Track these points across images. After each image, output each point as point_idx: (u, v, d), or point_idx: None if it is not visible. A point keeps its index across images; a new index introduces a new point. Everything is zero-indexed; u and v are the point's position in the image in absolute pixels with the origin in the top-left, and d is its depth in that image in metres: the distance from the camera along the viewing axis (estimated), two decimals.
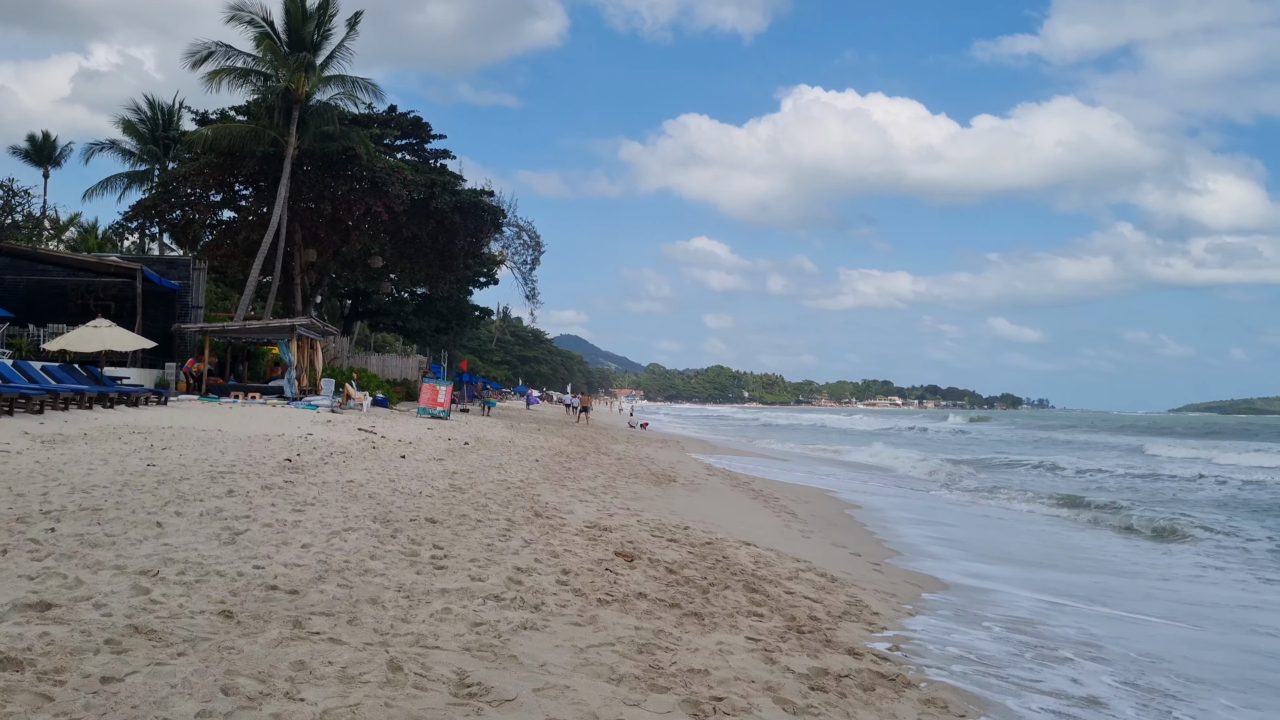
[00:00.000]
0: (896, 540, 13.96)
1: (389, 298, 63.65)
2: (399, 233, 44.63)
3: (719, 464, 26.31)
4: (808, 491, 20.81)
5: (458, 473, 14.50)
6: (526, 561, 7.33)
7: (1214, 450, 43.42)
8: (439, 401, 32.42)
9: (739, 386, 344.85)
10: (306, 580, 5.89)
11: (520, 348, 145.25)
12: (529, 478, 15.29)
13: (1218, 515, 18.28)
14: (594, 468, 19.21)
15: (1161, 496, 22.70)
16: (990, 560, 12.48)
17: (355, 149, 40.03)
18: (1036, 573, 11.49)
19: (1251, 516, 18.51)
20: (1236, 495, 23.27)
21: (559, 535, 8.89)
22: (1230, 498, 22.66)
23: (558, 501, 12.21)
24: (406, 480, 12.32)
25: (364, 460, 14.99)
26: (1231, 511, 19.31)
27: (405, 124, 47.76)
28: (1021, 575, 11.19)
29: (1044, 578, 11.09)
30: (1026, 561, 12.44)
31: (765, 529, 12.96)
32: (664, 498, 15.41)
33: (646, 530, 10.48)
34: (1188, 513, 18.38)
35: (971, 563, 12.28)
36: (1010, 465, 32.76)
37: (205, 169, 40.37)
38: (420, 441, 20.67)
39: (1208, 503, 21.29)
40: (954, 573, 10.92)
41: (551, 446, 24.39)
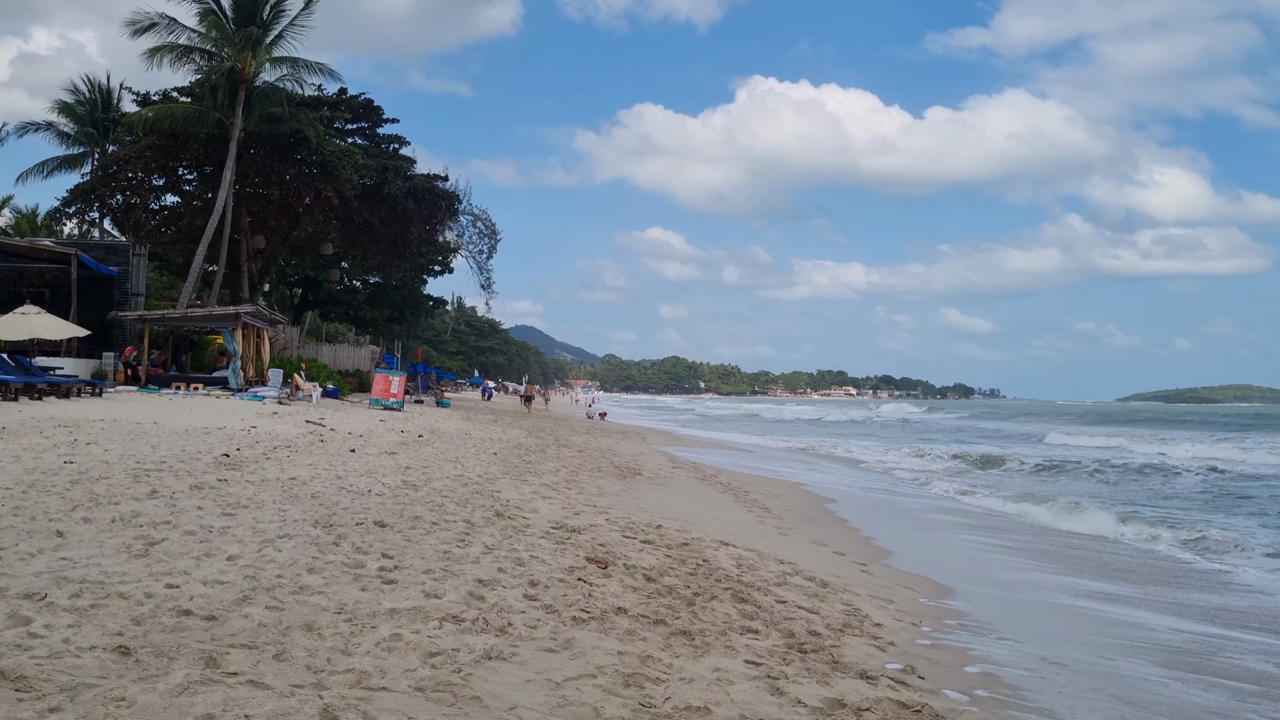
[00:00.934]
0: (873, 535, 13.26)
1: (340, 286, 62.15)
2: (350, 219, 43.31)
3: (683, 455, 25.53)
4: (777, 485, 20.11)
5: (411, 468, 13.56)
6: (489, 571, 6.45)
7: (1121, 439, 44.48)
8: (392, 392, 31.31)
9: (695, 377, 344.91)
10: (229, 602, 4.97)
11: (475, 338, 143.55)
12: (488, 473, 14.39)
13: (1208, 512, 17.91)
14: (555, 461, 18.33)
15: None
16: (974, 558, 11.82)
17: (304, 132, 38.68)
18: (1028, 574, 10.83)
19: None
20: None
21: (523, 539, 8.02)
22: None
23: (519, 499, 11.33)
24: (355, 477, 11.37)
25: (310, 455, 13.99)
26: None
27: (356, 107, 46.36)
28: (1016, 576, 10.53)
29: (1040, 579, 10.44)
30: (1014, 565, 11.79)
31: (740, 526, 12.18)
32: (630, 492, 14.58)
33: (617, 530, 9.64)
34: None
35: (954, 561, 11.59)
36: (999, 464, 32.40)
37: (146, 152, 38.79)
38: (372, 434, 19.66)
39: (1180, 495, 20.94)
40: (942, 572, 10.21)
41: (509, 439, 23.46)
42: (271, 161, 39.31)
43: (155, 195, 42.98)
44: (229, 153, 36.30)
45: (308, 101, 43.00)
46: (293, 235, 44.63)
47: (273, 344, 47.16)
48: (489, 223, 67.22)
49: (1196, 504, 19.17)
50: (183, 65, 37.68)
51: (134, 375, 28.41)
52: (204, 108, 37.62)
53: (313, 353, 54.99)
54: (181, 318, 29.69)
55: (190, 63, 37.69)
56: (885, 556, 11.28)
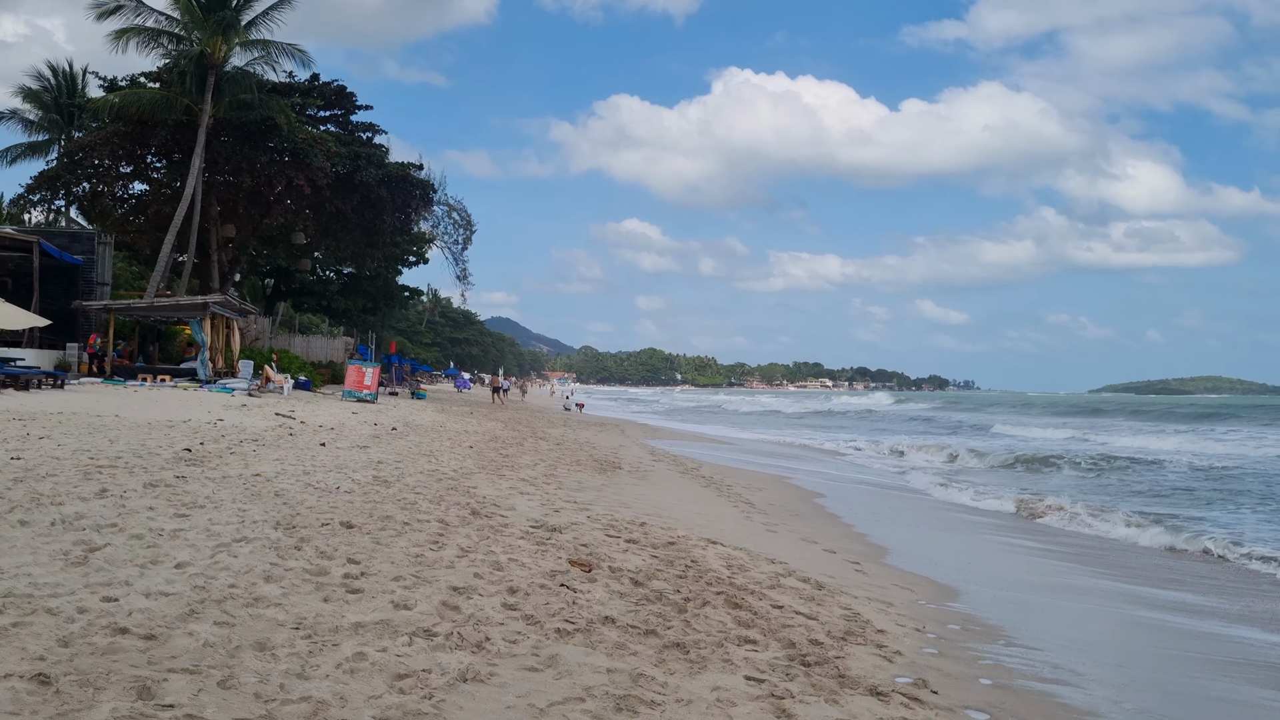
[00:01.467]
0: (864, 531, 12.86)
1: (313, 276, 61.23)
2: (322, 207, 42.47)
3: (662, 448, 25.08)
4: (759, 478, 19.69)
5: (383, 463, 13.02)
6: (464, 577, 5.94)
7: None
8: (365, 384, 30.69)
9: (671, 369, 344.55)
10: (173, 617, 4.45)
11: (451, 329, 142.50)
12: (463, 467, 13.87)
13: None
14: (532, 454, 17.83)
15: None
16: (972, 556, 11.43)
17: (275, 119, 37.84)
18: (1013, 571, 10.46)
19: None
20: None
21: (501, 539, 7.52)
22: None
23: (497, 495, 10.83)
24: (324, 473, 10.83)
25: (278, 449, 13.43)
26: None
27: (329, 94, 45.49)
28: (1019, 576, 10.15)
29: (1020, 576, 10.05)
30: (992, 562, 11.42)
31: (726, 523, 11.73)
32: (611, 487, 14.11)
33: (600, 528, 9.17)
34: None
35: (951, 559, 11.20)
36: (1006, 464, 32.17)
37: (113, 138, 37.82)
38: (343, 427, 19.09)
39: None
40: (940, 570, 9.81)
41: (485, 431, 22.93)
42: (242, 149, 38.42)
43: (122, 183, 42.03)
44: (198, 139, 35.44)
45: (279, 88, 42.11)
46: (263, 224, 43.77)
47: (244, 335, 46.33)
48: (464, 213, 66.32)
49: (1193, 499, 18.94)
50: (150, 49, 36.75)
51: (99, 367, 27.63)
52: (172, 93, 36.72)
53: (285, 344, 54.09)
54: (147, 307, 28.88)
55: (158, 47, 36.76)
56: (879, 554, 10.86)
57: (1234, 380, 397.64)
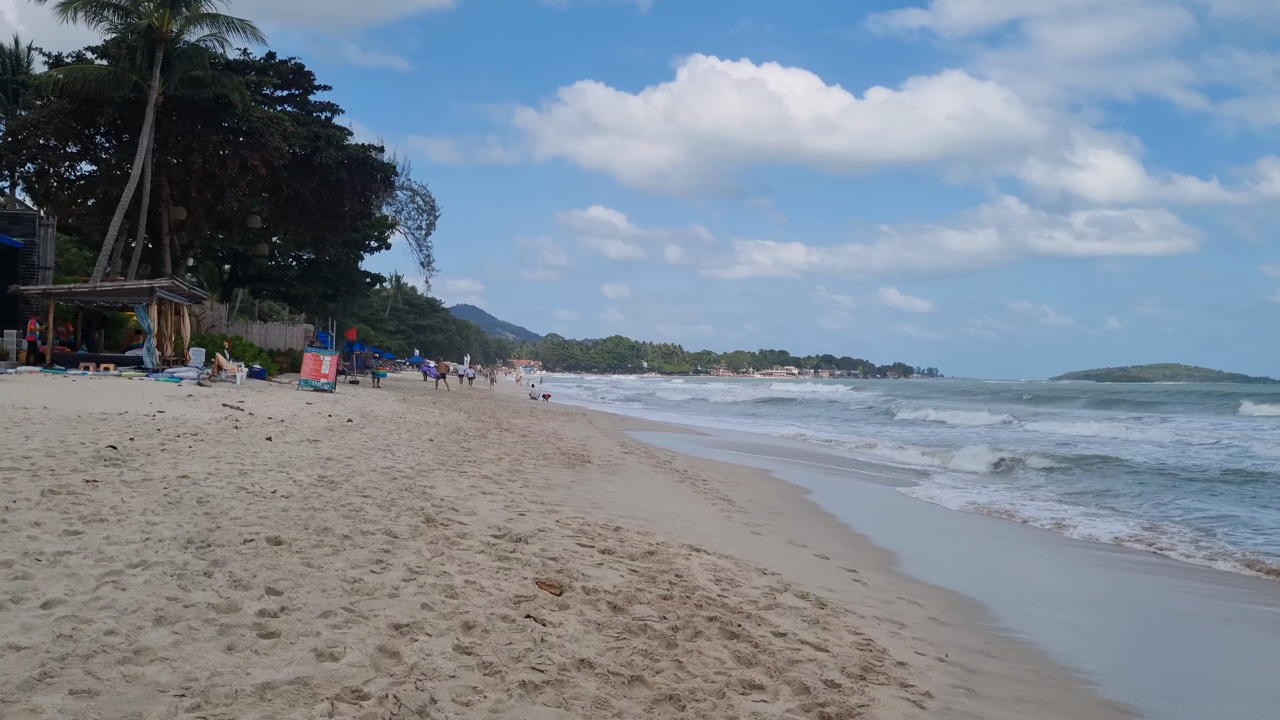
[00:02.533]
0: (847, 528, 11.96)
1: (272, 262, 59.66)
2: (279, 190, 41.06)
3: (632, 438, 24.10)
4: (734, 471, 18.78)
5: (333, 459, 11.94)
6: (409, 610, 4.92)
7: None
8: (323, 373, 29.43)
9: (638, 357, 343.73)
10: (14, 684, 3.40)
11: (415, 316, 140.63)
12: (421, 463, 12.82)
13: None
14: (496, 448, 16.79)
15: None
16: (984, 558, 10.56)
17: (229, 96, 36.41)
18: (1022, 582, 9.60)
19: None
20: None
21: (458, 554, 6.51)
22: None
23: (456, 495, 9.81)
24: (263, 473, 9.75)
25: (217, 445, 12.31)
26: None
27: (286, 72, 44.02)
28: (1021, 586, 9.28)
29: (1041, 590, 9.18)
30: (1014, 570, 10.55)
31: (707, 524, 10.78)
32: (581, 483, 13.12)
33: (570, 535, 8.18)
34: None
35: (959, 562, 10.32)
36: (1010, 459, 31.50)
37: (58, 116, 36.16)
38: (295, 419, 17.94)
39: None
40: (951, 578, 8.91)
41: (447, 423, 21.83)
42: (193, 128, 36.91)
43: (69, 164, 40.37)
44: (146, 117, 33.96)
45: (233, 65, 40.63)
46: (217, 207, 42.26)
47: (199, 322, 44.82)
48: (428, 198, 64.97)
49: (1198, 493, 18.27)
50: (98, 22, 35.18)
51: (39, 355, 26.22)
52: (120, 69, 35.20)
53: (242, 331, 52.65)
54: (90, 292, 27.44)
55: (104, 20, 35.20)
56: (866, 557, 9.95)
57: (1191, 367, 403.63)
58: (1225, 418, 50.34)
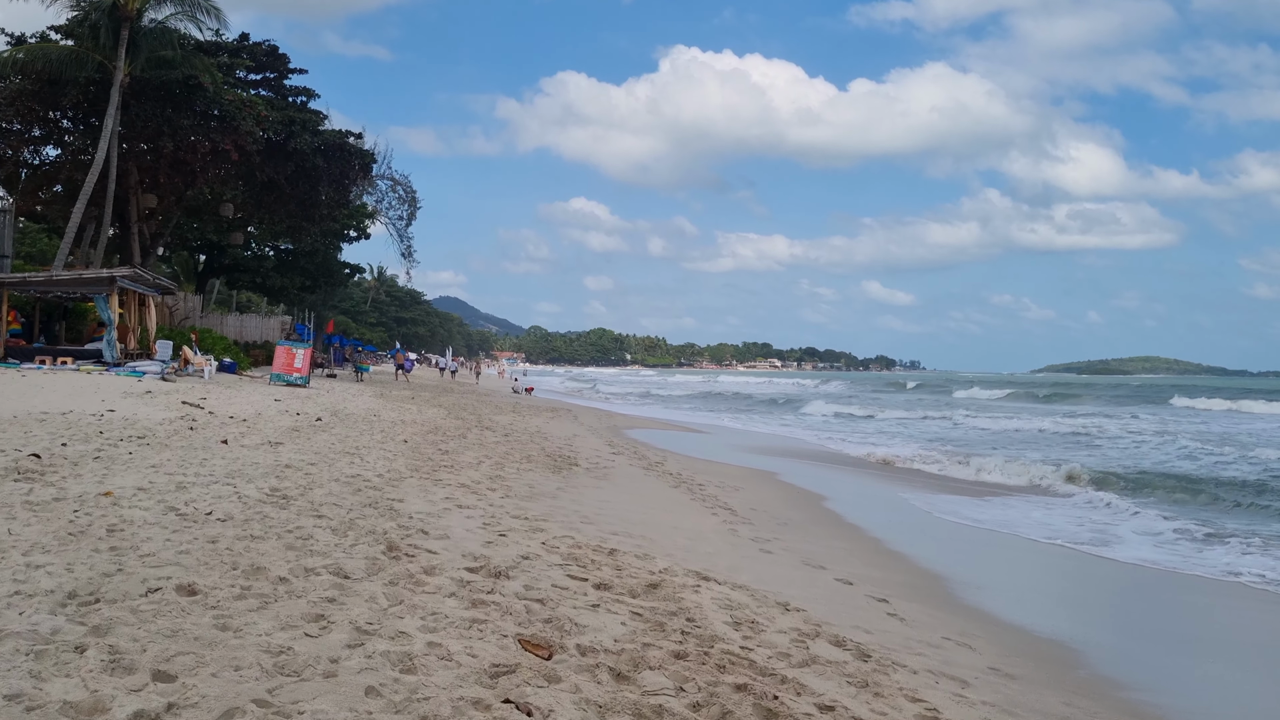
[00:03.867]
0: (854, 536, 10.82)
1: (248, 252, 58.08)
2: (253, 176, 39.60)
3: (620, 437, 22.93)
4: (727, 472, 17.65)
5: (292, 466, 10.71)
6: (349, 698, 3.68)
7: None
8: (295, 367, 28.13)
9: (621, 349, 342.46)
10: None
11: (396, 309, 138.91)
12: (392, 470, 11.61)
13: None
14: (476, 449, 15.59)
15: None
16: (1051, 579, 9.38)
17: (199, 78, 34.88)
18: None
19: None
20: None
21: (422, 600, 5.29)
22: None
23: (428, 511, 8.61)
24: (205, 485, 8.51)
25: (164, 450, 11.05)
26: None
27: (260, 55, 42.54)
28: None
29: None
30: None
31: (710, 541, 9.62)
32: (568, 491, 11.95)
33: (559, 562, 7.00)
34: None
35: (974, 578, 9.14)
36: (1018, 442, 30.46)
37: (19, 98, 34.55)
38: (260, 418, 16.67)
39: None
40: (972, 597, 7.77)
41: (425, 421, 20.60)
42: (162, 110, 35.35)
43: (32, 147, 38.76)
44: (110, 99, 32.46)
45: (204, 47, 39.10)
46: (187, 194, 40.71)
47: (172, 314, 43.29)
48: (409, 188, 63.47)
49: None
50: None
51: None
52: (83, 49, 33.65)
53: (217, 323, 51.21)
54: (45, 282, 25.96)
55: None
56: (891, 579, 8.79)
57: (1170, 360, 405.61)
58: (1157, 409, 51.29)
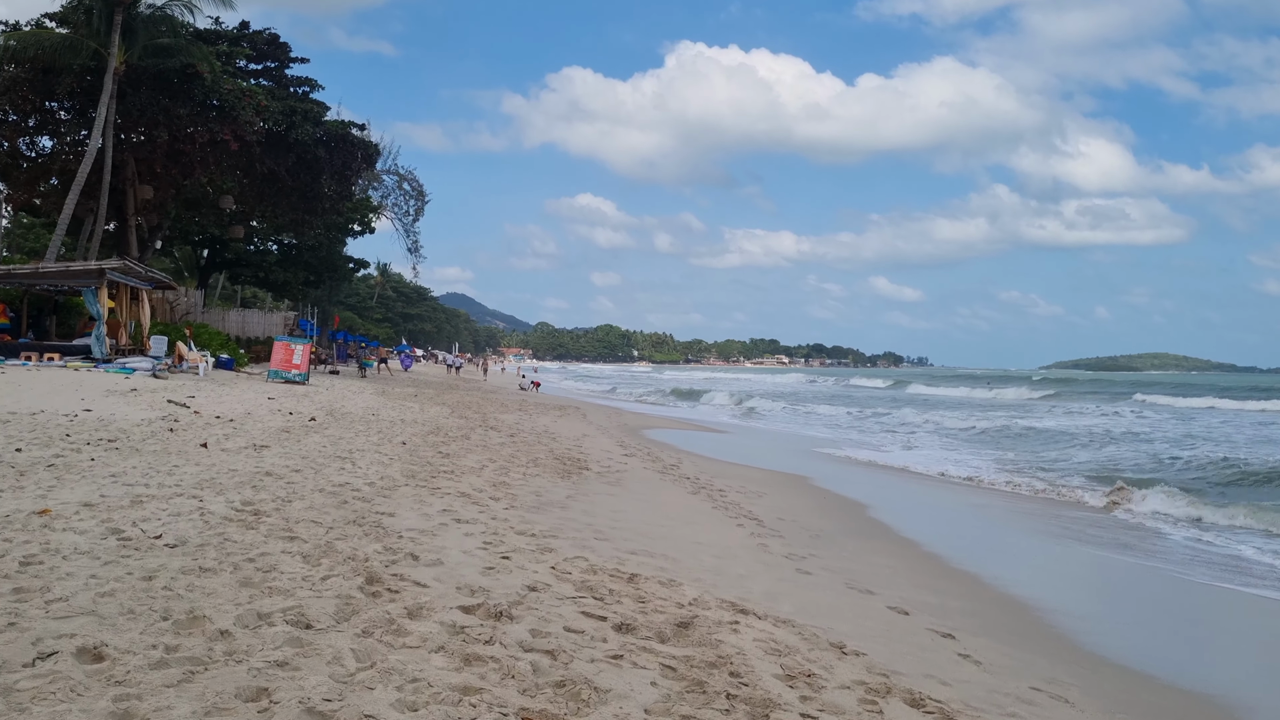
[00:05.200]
0: (896, 548, 9.68)
1: (250, 246, 57.14)
2: (253, 168, 38.59)
3: (632, 438, 21.83)
4: (748, 475, 16.56)
5: (274, 474, 9.65)
6: None
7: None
8: (294, 363, 27.09)
9: (629, 345, 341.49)
10: None
11: (403, 305, 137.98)
12: (385, 476, 10.54)
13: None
14: (480, 452, 14.52)
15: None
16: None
17: (197, 67, 33.90)
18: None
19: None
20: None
21: (400, 661, 4.21)
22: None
23: (421, 528, 7.55)
24: (166, 499, 7.45)
25: (132, 456, 10.00)
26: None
27: (260, 43, 41.55)
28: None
29: None
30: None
31: (739, 559, 8.53)
32: (579, 499, 10.87)
33: (571, 595, 5.93)
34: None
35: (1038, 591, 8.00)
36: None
37: (13, 87, 33.64)
38: (249, 418, 15.62)
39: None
40: (1051, 620, 6.66)
41: (427, 420, 19.55)
42: (158, 99, 34.39)
43: (27, 137, 37.81)
44: (104, 87, 31.50)
45: (203, 35, 38.18)
46: (185, 185, 39.72)
47: (173, 309, 42.31)
48: (415, 183, 62.45)
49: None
50: None
51: None
52: (78, 35, 32.70)
53: (219, 318, 50.31)
54: (30, 274, 24.92)
55: None
56: (950, 606, 7.68)
57: (1179, 357, 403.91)
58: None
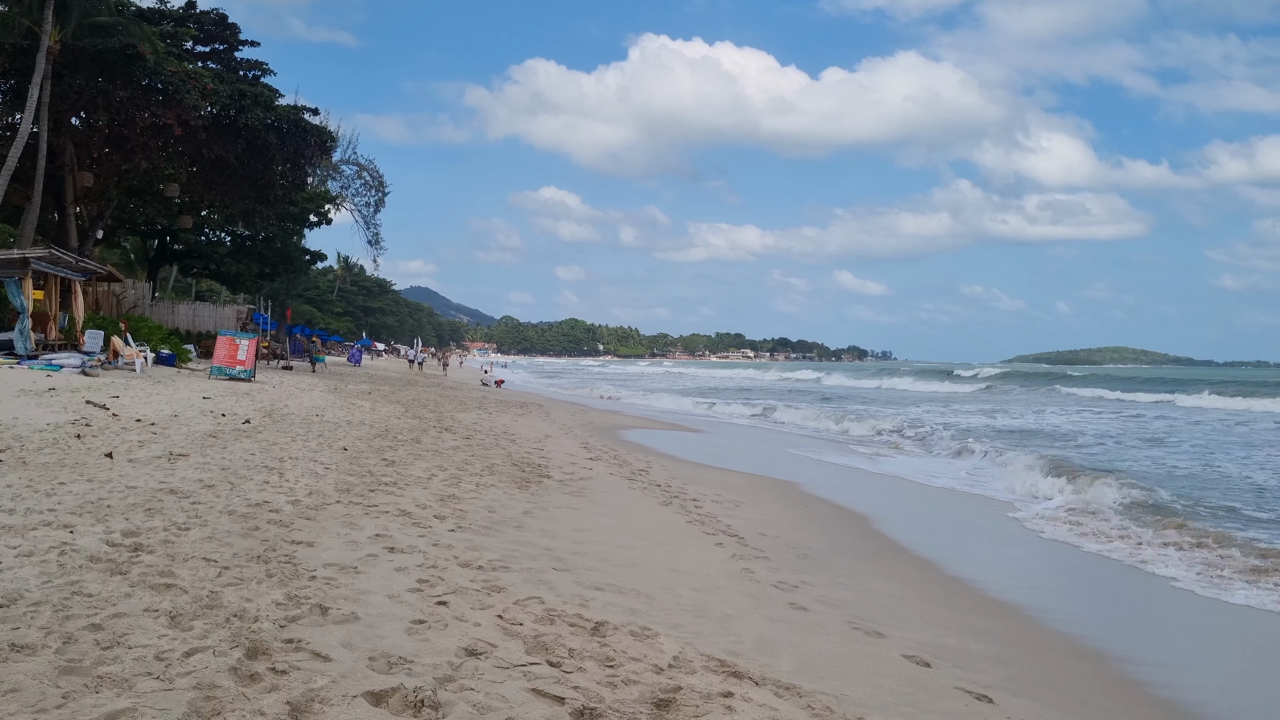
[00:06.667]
0: (896, 579, 8.43)
1: (201, 237, 55.15)
2: (200, 154, 36.77)
3: (598, 440, 20.53)
4: (728, 481, 15.33)
5: (179, 491, 8.28)
6: None
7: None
8: (239, 359, 25.53)
9: (594, 340, 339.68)
10: None
11: (364, 298, 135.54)
12: (315, 491, 9.20)
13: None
14: (430, 457, 13.19)
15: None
16: None
17: (138, 47, 32.08)
18: None
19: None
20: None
21: None
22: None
23: (341, 562, 6.24)
24: (21, 533, 6.09)
25: (15, 470, 8.60)
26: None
27: (208, 24, 39.70)
28: None
29: None
30: None
31: (724, 592, 7.28)
32: (537, 514, 9.59)
33: (519, 660, 4.65)
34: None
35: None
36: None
37: None
38: (174, 421, 14.17)
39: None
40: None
41: (377, 421, 18.16)
42: (97, 81, 32.54)
43: None
44: (37, 66, 29.68)
45: (145, 14, 36.32)
46: (127, 172, 37.86)
47: (120, 302, 40.45)
48: (376, 173, 60.70)
49: None
50: None
51: None
52: (10, 11, 30.82)
53: (168, 311, 48.43)
54: None
55: None
56: (971, 649, 6.46)
57: (1138, 351, 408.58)
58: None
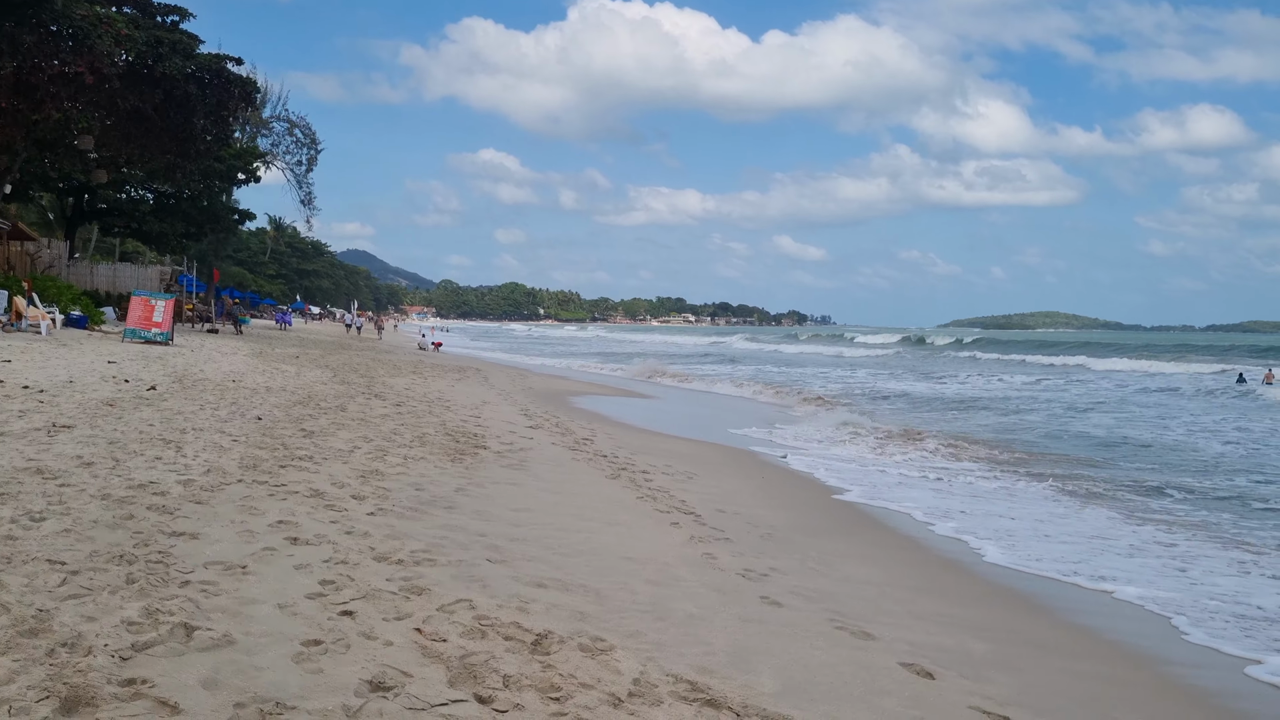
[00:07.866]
0: (870, 561, 7.54)
1: (124, 195, 52.61)
2: (115, 105, 34.62)
3: (538, 405, 19.46)
4: (677, 450, 14.40)
5: (47, 471, 7.08)
6: None
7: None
8: (154, 321, 23.96)
9: (534, 304, 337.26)
10: None
11: (298, 260, 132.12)
12: (215, 467, 8.04)
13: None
14: (355, 427, 12.02)
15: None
16: None
17: None
18: None
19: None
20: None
21: None
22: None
23: (227, 560, 5.15)
24: None
25: None
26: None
27: None
28: None
29: None
30: None
31: (682, 580, 6.30)
32: (471, 491, 8.53)
33: (437, 693, 3.68)
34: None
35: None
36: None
37: None
38: (69, 387, 12.81)
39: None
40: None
41: (300, 386, 16.88)
42: (1, 25, 30.32)
43: None
44: None
45: None
46: (36, 123, 35.58)
47: (34, 261, 38.27)
48: (308, 130, 58.41)
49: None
50: None
51: None
52: None
53: (86, 272, 46.23)
54: None
55: None
56: (985, 650, 5.57)
57: (1070, 315, 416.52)
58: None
